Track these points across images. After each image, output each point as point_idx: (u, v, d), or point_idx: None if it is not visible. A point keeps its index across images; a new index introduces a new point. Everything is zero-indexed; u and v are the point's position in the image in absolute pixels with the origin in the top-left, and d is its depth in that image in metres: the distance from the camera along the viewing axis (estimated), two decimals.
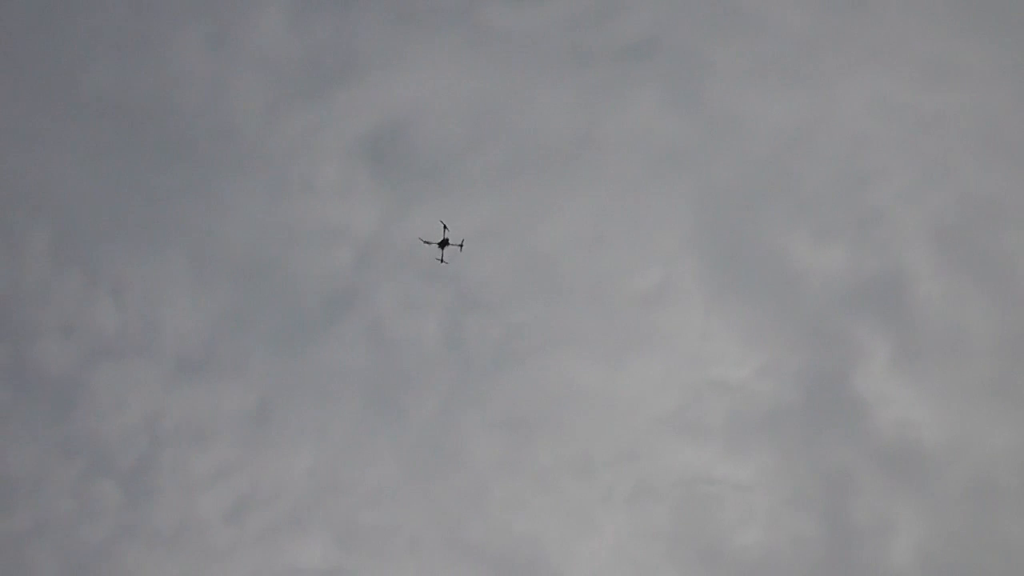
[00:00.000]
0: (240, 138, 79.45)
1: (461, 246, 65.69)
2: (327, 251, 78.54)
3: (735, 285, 79.15)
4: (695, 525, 74.54)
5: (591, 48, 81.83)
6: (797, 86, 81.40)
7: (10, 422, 73.67)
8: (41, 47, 79.85)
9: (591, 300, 78.67)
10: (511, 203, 79.26)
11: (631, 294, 78.91)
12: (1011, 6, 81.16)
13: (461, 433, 76.27)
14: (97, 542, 72.07)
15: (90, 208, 77.93)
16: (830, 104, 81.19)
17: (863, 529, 73.65)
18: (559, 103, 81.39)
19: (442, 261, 65.99)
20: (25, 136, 78.12)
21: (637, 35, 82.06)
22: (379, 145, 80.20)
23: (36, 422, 73.98)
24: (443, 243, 65.71)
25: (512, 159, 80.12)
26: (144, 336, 76.41)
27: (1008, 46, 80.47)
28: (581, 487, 75.33)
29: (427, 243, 65.53)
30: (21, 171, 77.78)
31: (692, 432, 76.32)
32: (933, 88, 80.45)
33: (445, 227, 65.53)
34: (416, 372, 77.26)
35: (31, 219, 77.54)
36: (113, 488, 73.37)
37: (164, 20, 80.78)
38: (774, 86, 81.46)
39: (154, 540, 72.56)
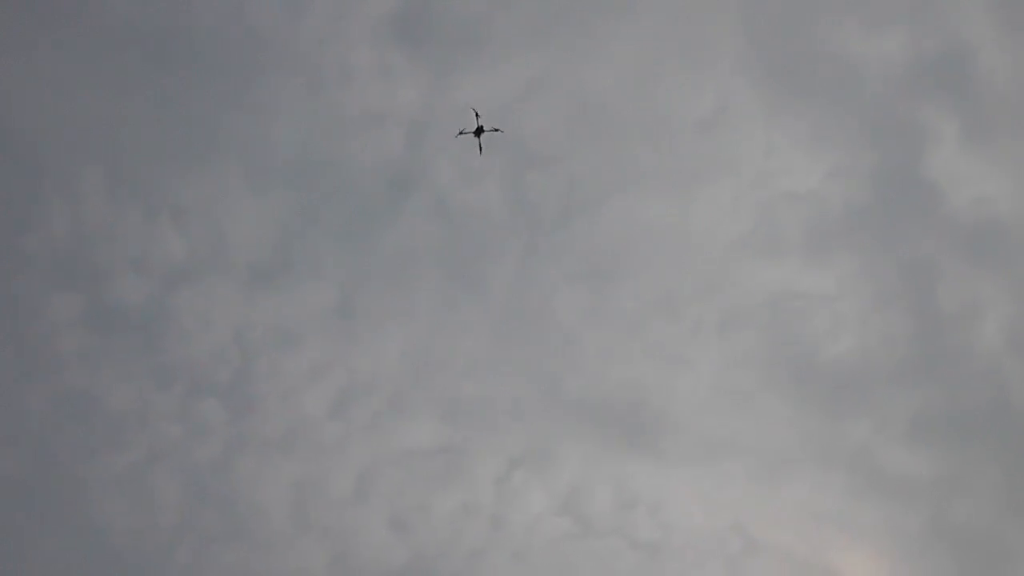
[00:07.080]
0: (266, 40, 77.28)
1: (497, 130, 63.52)
2: (377, 136, 77.36)
3: (792, 92, 77.05)
4: (786, 343, 74.99)
5: None
6: None
7: (104, 363, 74.56)
8: None
9: (649, 137, 77.14)
10: (552, 54, 77.08)
11: (689, 123, 77.20)
12: None
13: (542, 291, 76.52)
14: (211, 459, 73.75)
15: (135, 139, 76.72)
16: None
17: (951, 316, 73.89)
18: None
19: (480, 151, 64.06)
20: (58, 79, 76.44)
21: None
22: (408, 21, 77.57)
23: (128, 358, 74.88)
24: (478, 131, 63.18)
25: (545, 8, 77.28)
26: (213, 254, 76.31)
27: None
28: (669, 325, 75.73)
29: (462, 133, 63.41)
30: (63, 116, 76.46)
31: (770, 250, 76.08)
32: None
33: (477, 114, 63.33)
34: (488, 239, 77.12)
35: (81, 161, 76.54)
36: (216, 406, 74.63)
37: None
38: None
39: (265, 447, 74.09)
